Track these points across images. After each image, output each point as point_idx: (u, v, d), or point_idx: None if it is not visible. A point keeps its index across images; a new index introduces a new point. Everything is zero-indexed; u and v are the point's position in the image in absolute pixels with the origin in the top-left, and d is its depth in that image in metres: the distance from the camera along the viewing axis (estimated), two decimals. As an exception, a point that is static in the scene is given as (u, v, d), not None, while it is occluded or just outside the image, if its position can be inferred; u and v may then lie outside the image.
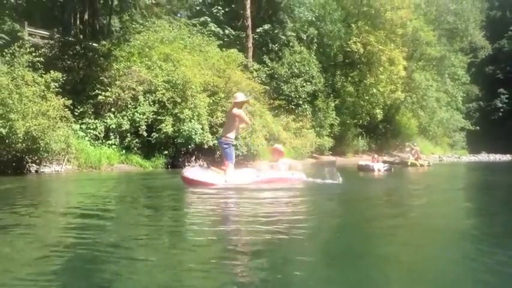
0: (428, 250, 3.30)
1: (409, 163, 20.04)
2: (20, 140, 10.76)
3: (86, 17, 26.62)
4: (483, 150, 51.82)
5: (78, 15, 27.02)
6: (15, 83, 10.89)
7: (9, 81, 10.75)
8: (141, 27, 21.45)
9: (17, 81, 10.96)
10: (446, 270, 2.67)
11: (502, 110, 72.38)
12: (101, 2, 27.97)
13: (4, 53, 11.68)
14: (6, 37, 13.84)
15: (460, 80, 46.23)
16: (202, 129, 16.56)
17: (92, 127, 15.50)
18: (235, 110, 8.03)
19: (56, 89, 12.24)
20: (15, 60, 11.55)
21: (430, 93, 37.93)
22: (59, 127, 11.78)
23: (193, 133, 16.20)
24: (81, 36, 23.67)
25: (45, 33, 20.76)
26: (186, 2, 30.23)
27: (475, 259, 2.94)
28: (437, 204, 6.41)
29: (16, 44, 11.65)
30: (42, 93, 11.63)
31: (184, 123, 16.18)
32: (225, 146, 7.91)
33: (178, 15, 30.94)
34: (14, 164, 11.93)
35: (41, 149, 11.39)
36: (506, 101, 72.09)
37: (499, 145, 55.06)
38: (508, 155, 47.60)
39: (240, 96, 8.46)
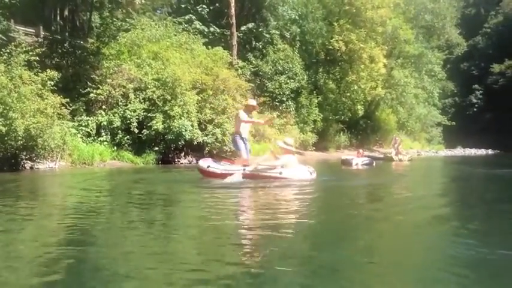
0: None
1: (385, 157, 20.84)
2: (20, 138, 11.04)
3: (66, 13, 26.53)
4: (459, 144, 53.26)
5: (58, 11, 26.87)
6: (13, 82, 11.13)
7: (8, 80, 11.00)
8: (128, 25, 21.66)
9: (16, 80, 11.21)
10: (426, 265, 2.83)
11: (476, 105, 74.19)
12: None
13: (2, 52, 11.88)
14: (3, 37, 13.99)
15: (436, 76, 47.55)
16: (191, 126, 16.98)
17: (83, 124, 15.78)
18: (238, 111, 9.13)
19: (51, 87, 12.50)
20: (11, 59, 11.77)
21: (409, 90, 39.13)
22: (56, 124, 12.06)
23: (183, 130, 16.60)
24: (66, 34, 23.68)
25: (31, 30, 20.77)
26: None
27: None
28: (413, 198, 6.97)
29: (13, 43, 11.88)
30: (40, 92, 11.89)
31: (174, 120, 16.57)
32: (232, 141, 8.98)
33: (158, 11, 30.90)
34: (9, 160, 12.18)
35: (39, 146, 11.66)
36: (481, 96, 73.94)
37: (474, 140, 56.55)
38: (483, 149, 49.22)
39: (250, 101, 9.57)
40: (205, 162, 9.03)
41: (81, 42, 19.22)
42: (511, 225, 4.31)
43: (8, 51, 11.84)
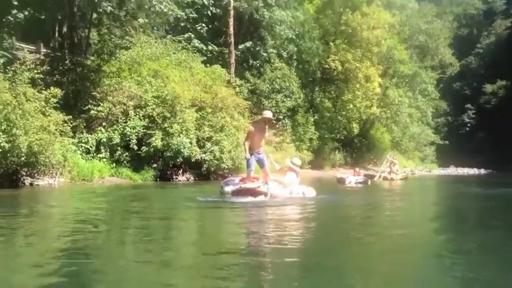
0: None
1: (381, 177, 20.98)
2: (23, 155, 11.15)
3: (65, 29, 26.73)
4: (452, 163, 53.73)
5: (56, 28, 27.05)
6: (17, 100, 11.29)
7: (12, 97, 11.15)
8: (127, 42, 21.91)
9: (20, 97, 11.36)
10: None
11: (469, 124, 75.10)
12: (79, 14, 28.08)
13: (7, 70, 12.06)
14: (8, 54, 14.17)
15: (429, 95, 48.29)
16: (190, 143, 17.13)
17: (83, 141, 15.89)
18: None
19: (54, 104, 12.67)
20: (15, 76, 11.94)
21: (403, 109, 39.71)
22: (58, 141, 12.19)
23: (182, 147, 16.74)
24: (66, 51, 23.89)
25: (32, 47, 20.96)
26: (164, 16, 30.44)
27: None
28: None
29: (18, 61, 12.07)
30: (43, 109, 12.05)
31: (173, 138, 16.73)
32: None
33: (155, 29, 31.18)
34: (11, 177, 12.26)
35: (41, 162, 11.77)
36: (473, 116, 74.86)
37: (467, 159, 57.09)
38: (475, 169, 49.68)
39: (265, 113, 9.30)
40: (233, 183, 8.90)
41: (81, 59, 19.40)
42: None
43: (13, 68, 12.01)
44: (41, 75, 12.59)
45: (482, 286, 2.77)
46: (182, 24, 27.90)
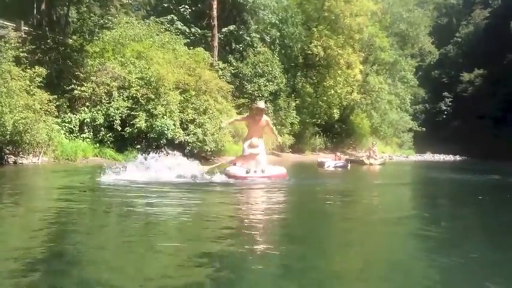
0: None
1: (357, 161, 21.61)
2: (8, 133, 11.20)
3: (43, 6, 26.24)
4: (428, 150, 54.84)
5: (35, 5, 26.52)
6: (2, 77, 11.29)
7: (-3, 75, 11.17)
8: (108, 22, 21.75)
9: (5, 75, 11.36)
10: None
11: (446, 112, 76.47)
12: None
13: (-10, 48, 12.02)
14: (-9, 32, 14.02)
15: (408, 83, 49.21)
16: (174, 125, 17.33)
17: (67, 121, 15.91)
18: None
19: (39, 84, 12.69)
20: (0, 55, 11.91)
21: (383, 96, 40.50)
22: (43, 120, 12.25)
23: (166, 129, 16.94)
24: (46, 29, 23.55)
25: (12, 24, 20.62)
26: None
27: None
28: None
29: (3, 39, 12.02)
30: (28, 88, 12.06)
31: (157, 119, 16.89)
32: None
33: (135, 8, 30.75)
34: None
35: (26, 141, 11.83)
36: (450, 104, 76.28)
37: (443, 145, 58.25)
38: (451, 155, 50.98)
39: (258, 104, 9.52)
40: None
41: (61, 38, 19.19)
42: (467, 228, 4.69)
43: (-3, 46, 11.99)
44: (26, 54, 12.56)
45: (454, 264, 2.89)
46: (165, 5, 27.77)
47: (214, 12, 26.18)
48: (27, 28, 19.71)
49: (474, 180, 13.33)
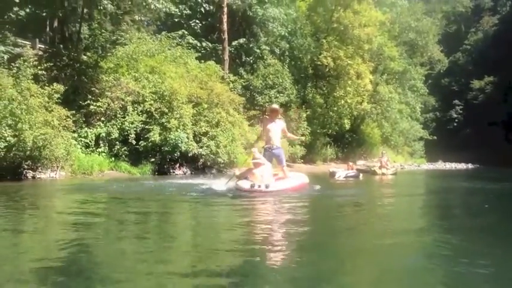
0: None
1: (369, 171, 21.59)
2: (28, 149, 11.50)
3: (56, 24, 26.81)
4: (440, 158, 54.52)
5: (48, 22, 27.10)
6: (22, 95, 11.63)
7: (18, 93, 11.50)
8: (119, 38, 22.20)
9: (24, 92, 11.70)
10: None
11: (456, 120, 76.18)
12: (70, 9, 28.14)
13: (12, 66, 12.38)
14: (11, 50, 14.46)
15: (418, 91, 49.22)
16: (187, 138, 17.58)
17: (83, 135, 16.24)
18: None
19: (57, 100, 13.02)
20: (19, 72, 12.27)
21: (393, 105, 40.55)
22: (61, 136, 12.56)
23: (179, 142, 17.18)
24: (61, 46, 24.05)
25: (28, 43, 21.13)
26: (156, 12, 30.48)
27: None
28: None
29: (22, 58, 12.41)
30: (47, 104, 12.40)
31: (171, 132, 17.16)
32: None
33: (145, 24, 31.21)
34: (14, 170, 12.59)
35: (44, 156, 12.12)
36: (461, 111, 75.96)
37: (454, 154, 57.95)
38: (463, 164, 50.63)
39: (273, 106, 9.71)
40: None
41: (75, 54, 19.61)
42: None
43: (17, 65, 12.34)
44: (44, 72, 12.92)
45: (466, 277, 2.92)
46: (176, 20, 28.23)
47: (224, 26, 26.55)
48: (42, 46, 20.24)
49: (487, 189, 13.31)
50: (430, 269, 3.10)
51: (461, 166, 48.21)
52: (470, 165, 49.34)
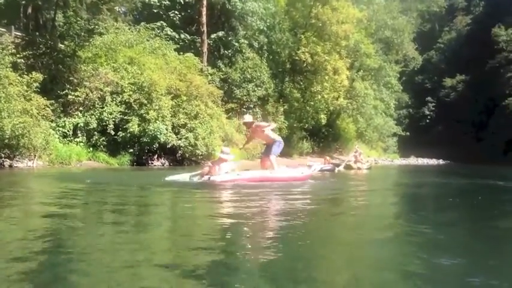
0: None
1: (344, 165, 22.01)
2: (7, 137, 11.43)
3: (29, 11, 26.20)
4: (412, 154, 55.71)
5: (21, 9, 26.45)
6: (0, 83, 11.52)
7: (-4, 81, 11.41)
8: (101, 28, 21.97)
9: (3, 81, 11.60)
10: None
11: (429, 117, 77.55)
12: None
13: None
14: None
15: (393, 88, 50.17)
16: (166, 129, 17.68)
17: (60, 125, 16.15)
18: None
19: (35, 89, 12.93)
20: (-3, 60, 12.15)
21: (368, 101, 41.34)
22: (39, 125, 12.50)
23: (158, 133, 17.29)
24: (37, 33, 23.61)
25: (3, 30, 20.70)
26: (132, 2, 29.86)
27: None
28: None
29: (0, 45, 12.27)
30: (25, 93, 12.31)
31: (150, 124, 17.23)
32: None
33: (121, 12, 30.63)
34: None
35: (22, 145, 12.06)
36: (433, 109, 77.47)
37: (426, 150, 59.12)
38: (434, 159, 51.97)
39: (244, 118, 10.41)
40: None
41: (52, 43, 19.34)
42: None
43: (-6, 52, 12.22)
44: (23, 60, 12.80)
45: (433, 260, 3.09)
46: (155, 11, 28.02)
47: (204, 19, 26.56)
48: (18, 33, 19.88)
49: (458, 184, 13.82)
50: (404, 258, 3.23)
51: (433, 162, 49.49)
52: (441, 161, 50.71)
